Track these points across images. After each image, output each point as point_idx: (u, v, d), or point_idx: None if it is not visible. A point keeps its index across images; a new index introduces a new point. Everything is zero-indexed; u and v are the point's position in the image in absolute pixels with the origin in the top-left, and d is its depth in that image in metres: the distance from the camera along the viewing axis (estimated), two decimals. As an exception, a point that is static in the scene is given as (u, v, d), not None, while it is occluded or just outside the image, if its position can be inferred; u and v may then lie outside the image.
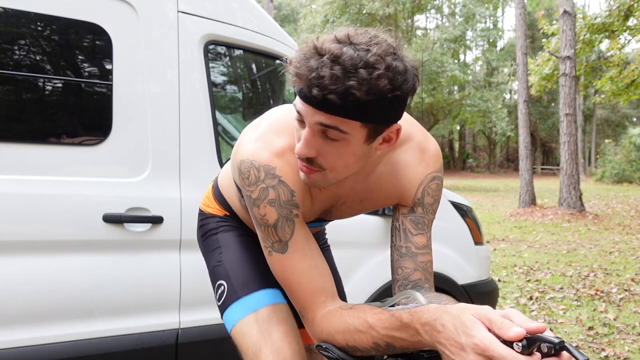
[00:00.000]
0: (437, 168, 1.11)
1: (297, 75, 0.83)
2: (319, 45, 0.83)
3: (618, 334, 3.40)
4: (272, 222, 0.98)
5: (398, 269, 1.08)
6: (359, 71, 0.80)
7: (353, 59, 0.80)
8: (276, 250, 1.00)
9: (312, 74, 0.81)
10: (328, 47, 0.82)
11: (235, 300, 1.20)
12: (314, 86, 0.81)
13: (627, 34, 12.81)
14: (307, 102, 0.85)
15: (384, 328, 0.84)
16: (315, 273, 1.00)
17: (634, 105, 36.28)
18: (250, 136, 1.03)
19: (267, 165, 0.97)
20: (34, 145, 1.69)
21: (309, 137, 0.88)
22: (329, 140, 0.88)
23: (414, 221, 1.09)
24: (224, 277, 1.25)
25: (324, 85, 0.80)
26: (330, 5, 25.09)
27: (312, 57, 0.83)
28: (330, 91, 0.80)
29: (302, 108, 0.87)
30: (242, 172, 0.99)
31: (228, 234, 1.33)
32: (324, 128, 0.86)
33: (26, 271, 1.64)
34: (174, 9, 1.94)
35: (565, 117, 10.66)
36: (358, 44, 0.83)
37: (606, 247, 7.04)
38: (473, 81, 29.70)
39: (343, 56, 0.81)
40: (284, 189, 0.97)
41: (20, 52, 1.71)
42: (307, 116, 0.86)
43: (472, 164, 43.78)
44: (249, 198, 0.99)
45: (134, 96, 1.84)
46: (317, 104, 0.83)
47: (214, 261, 1.31)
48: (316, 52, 0.83)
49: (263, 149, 0.99)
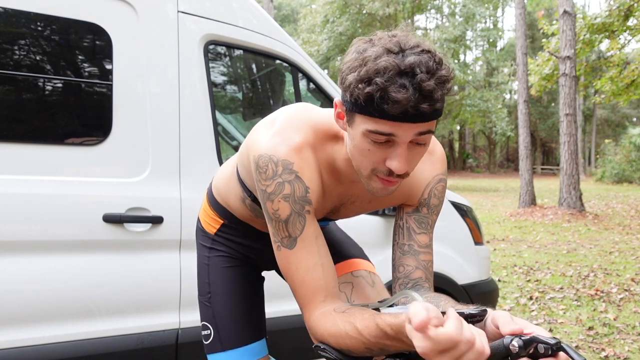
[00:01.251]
0: (443, 170, 1.14)
1: (395, 101, 0.80)
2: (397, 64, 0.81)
3: (618, 334, 3.40)
4: (284, 217, 0.98)
5: (400, 266, 1.09)
6: (441, 73, 0.82)
7: (433, 62, 0.82)
8: (285, 246, 1.01)
9: (416, 94, 0.80)
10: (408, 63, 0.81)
11: (219, 351, 1.27)
12: (423, 103, 0.81)
13: (627, 34, 12.81)
14: (409, 120, 0.83)
15: (372, 337, 0.85)
16: (320, 271, 1.00)
17: (634, 105, 36.28)
18: (267, 132, 1.04)
19: (285, 160, 0.98)
20: (34, 145, 1.70)
21: (406, 153, 0.88)
22: (415, 147, 0.90)
23: (418, 220, 1.11)
24: (210, 322, 1.31)
25: (434, 98, 0.81)
26: (330, 5, 25.10)
27: (398, 77, 0.81)
28: (437, 101, 0.82)
29: (396, 129, 0.85)
30: (259, 167, 0.99)
31: (219, 268, 1.34)
32: (419, 137, 0.87)
33: (26, 271, 1.64)
34: (174, 9, 1.94)
35: (565, 117, 10.66)
36: (412, 47, 0.84)
37: (606, 247, 7.04)
38: (473, 81, 29.70)
39: (427, 64, 0.81)
40: (299, 185, 0.98)
41: (20, 52, 1.71)
42: (404, 133, 0.85)
43: (472, 164, 43.77)
44: (263, 192, 1.00)
45: (134, 96, 1.84)
46: (423, 118, 0.83)
47: (203, 293, 1.34)
48: (399, 71, 0.81)
49: (281, 144, 0.99)
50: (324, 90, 2.32)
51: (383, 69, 0.80)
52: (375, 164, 0.91)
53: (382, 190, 0.96)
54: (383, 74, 0.80)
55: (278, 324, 1.99)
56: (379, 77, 0.80)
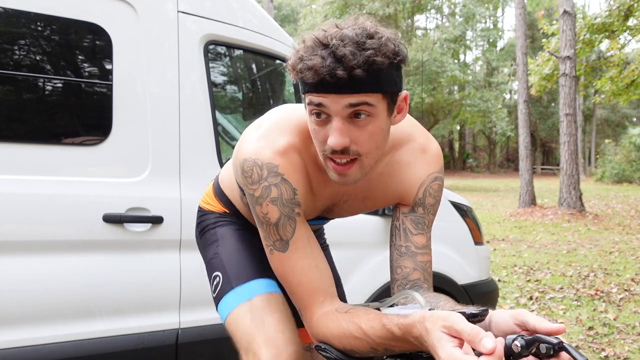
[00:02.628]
0: (439, 168, 1.12)
1: (310, 69, 0.83)
2: (317, 37, 0.85)
3: (618, 334, 3.40)
4: (273, 220, 0.98)
5: (397, 268, 1.09)
6: (368, 42, 0.83)
7: (357, 35, 0.84)
8: (277, 249, 1.00)
9: (328, 60, 0.82)
10: (329, 35, 0.84)
11: (229, 290, 1.21)
12: (336, 69, 0.82)
13: (627, 34, 12.80)
14: (330, 90, 0.85)
15: (378, 337, 0.85)
16: (315, 272, 1.00)
17: (634, 105, 36.27)
18: (252, 135, 1.03)
19: (269, 163, 0.97)
20: (34, 145, 1.69)
21: (340, 126, 0.88)
22: (358, 123, 0.89)
23: (415, 221, 1.10)
24: (219, 269, 1.26)
25: (347, 63, 0.81)
26: (330, 5, 25.09)
27: (318, 48, 0.84)
28: (354, 66, 0.82)
29: (324, 99, 0.86)
30: (245, 171, 0.99)
31: (226, 228, 1.33)
32: (353, 109, 0.87)
33: (26, 271, 1.64)
34: (174, 9, 1.94)
35: (565, 117, 10.66)
36: (347, 26, 0.87)
37: (606, 247, 7.04)
38: (473, 81, 29.69)
39: (348, 35, 0.83)
40: (287, 187, 0.98)
41: (20, 52, 1.71)
42: (333, 105, 0.86)
43: (472, 164, 43.77)
44: (251, 197, 1.00)
45: (134, 96, 1.84)
46: (343, 87, 0.84)
47: (211, 254, 1.31)
48: (319, 43, 0.84)
49: (266, 148, 0.99)
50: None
51: (307, 42, 0.86)
52: (322, 144, 0.92)
53: (338, 177, 0.95)
54: (306, 48, 0.86)
55: None
56: (302, 51, 0.86)
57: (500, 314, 0.83)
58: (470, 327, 0.69)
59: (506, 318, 0.81)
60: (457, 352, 0.68)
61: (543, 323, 0.73)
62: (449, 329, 0.71)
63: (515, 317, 0.79)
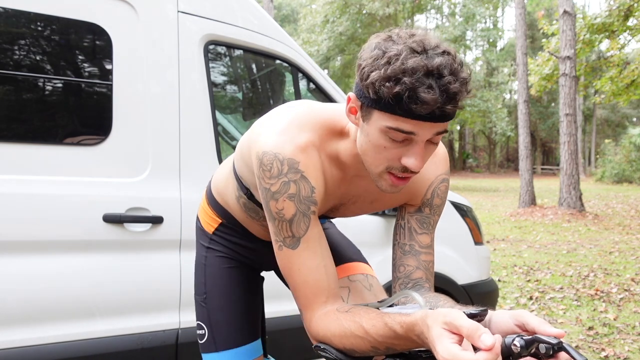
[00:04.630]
0: (446, 170, 1.14)
1: (424, 102, 0.80)
2: (425, 64, 0.81)
3: (618, 334, 3.40)
4: (288, 217, 0.97)
5: (400, 266, 1.09)
6: (464, 75, 0.84)
7: (455, 63, 0.83)
8: (287, 246, 0.99)
9: (441, 95, 0.81)
10: (435, 65, 0.81)
11: (213, 352, 1.28)
12: (448, 104, 0.82)
13: (627, 34, 12.80)
14: (426, 119, 0.84)
15: (380, 336, 0.85)
16: (322, 273, 0.99)
17: (634, 105, 36.25)
18: (271, 129, 1.01)
19: (291, 158, 0.96)
20: (34, 145, 1.69)
21: (423, 151, 0.88)
22: (431, 146, 0.91)
23: (420, 220, 1.11)
24: (205, 322, 1.31)
25: (457, 100, 0.83)
26: (330, 5, 25.10)
27: (425, 77, 0.81)
28: (459, 102, 0.84)
29: (417, 128, 0.85)
30: (263, 164, 0.97)
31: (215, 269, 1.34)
32: (435, 136, 0.88)
33: (26, 271, 1.64)
34: (174, 9, 1.94)
35: (565, 117, 10.66)
36: (434, 48, 0.84)
37: (606, 247, 7.04)
38: (473, 81, 29.58)
39: (452, 67, 0.82)
40: (306, 185, 0.97)
41: (20, 52, 1.71)
42: (423, 132, 0.86)
43: (472, 164, 43.76)
44: (267, 191, 0.97)
45: (134, 96, 1.84)
46: (445, 118, 0.85)
47: (199, 293, 1.34)
48: (427, 72, 0.81)
49: (287, 142, 0.97)
50: (324, 90, 2.32)
51: (411, 69, 0.80)
52: (390, 161, 0.91)
53: (391, 187, 0.95)
54: (412, 74, 0.80)
55: (278, 324, 1.99)
56: (407, 77, 0.80)
57: (500, 314, 0.83)
58: (470, 323, 0.69)
59: (506, 318, 0.81)
60: (455, 347, 0.69)
61: (543, 326, 0.73)
62: (449, 325, 0.72)
63: (515, 317, 0.80)
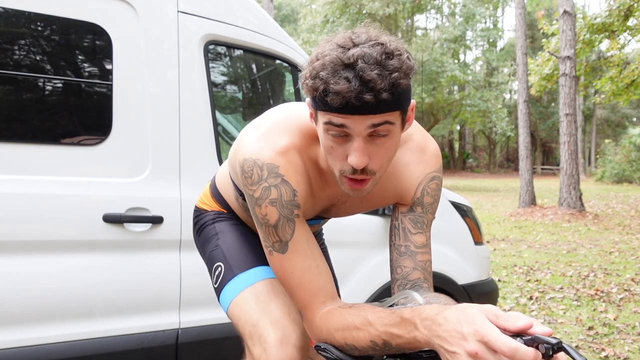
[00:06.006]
0: (437, 168, 1.12)
1: (337, 93, 0.81)
2: (340, 58, 0.82)
3: (618, 334, 3.40)
4: (272, 222, 0.97)
5: (397, 268, 1.09)
6: (390, 62, 0.82)
7: (379, 54, 0.82)
8: (277, 250, 1.00)
9: (355, 83, 0.80)
10: (352, 55, 0.81)
11: (231, 278, 1.21)
12: (363, 93, 0.81)
13: (627, 34, 12.80)
14: (354, 112, 0.83)
15: (383, 325, 0.85)
16: (316, 273, 0.99)
17: (634, 105, 36.25)
18: (252, 136, 1.03)
19: (270, 163, 0.97)
20: (34, 145, 1.69)
21: (361, 146, 0.87)
22: (377, 141, 0.89)
23: (413, 220, 1.10)
24: (220, 259, 1.27)
25: (376, 88, 0.81)
26: (330, 5, 25.09)
27: (341, 69, 0.82)
28: (381, 90, 0.81)
29: (346, 121, 0.85)
30: (244, 171, 0.98)
31: (225, 223, 1.34)
32: (375, 129, 0.86)
33: (26, 271, 1.64)
34: (174, 9, 1.94)
35: (565, 117, 10.65)
36: (364, 42, 0.84)
37: (606, 247, 7.04)
38: (473, 81, 29.69)
39: (372, 56, 0.81)
40: (287, 189, 0.97)
41: (20, 52, 1.71)
42: (355, 126, 0.85)
43: (472, 164, 43.77)
44: (251, 197, 0.99)
45: (134, 96, 1.84)
46: (370, 109, 0.83)
47: (211, 247, 1.32)
48: (342, 63, 0.82)
49: (266, 148, 0.98)
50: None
51: (328, 63, 0.83)
52: (340, 163, 0.91)
53: (353, 191, 0.94)
54: (327, 68, 0.82)
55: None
56: (323, 72, 0.83)
57: None
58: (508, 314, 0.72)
59: None
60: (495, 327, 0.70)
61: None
62: (486, 311, 0.72)
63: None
